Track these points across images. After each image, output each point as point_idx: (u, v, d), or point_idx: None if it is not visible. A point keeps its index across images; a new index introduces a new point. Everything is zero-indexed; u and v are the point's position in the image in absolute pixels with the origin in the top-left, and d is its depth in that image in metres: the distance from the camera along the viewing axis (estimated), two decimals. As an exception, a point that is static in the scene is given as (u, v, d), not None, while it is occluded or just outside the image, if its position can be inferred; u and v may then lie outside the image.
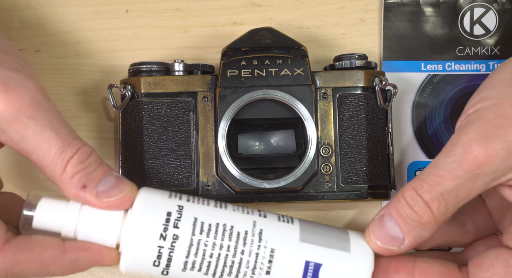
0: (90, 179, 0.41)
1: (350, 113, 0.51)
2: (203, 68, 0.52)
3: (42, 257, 0.40)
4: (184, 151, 0.50)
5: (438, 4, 0.56)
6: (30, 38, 0.55)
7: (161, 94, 0.51)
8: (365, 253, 0.43)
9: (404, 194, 0.41)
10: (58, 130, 0.40)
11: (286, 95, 0.49)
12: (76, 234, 0.41)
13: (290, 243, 0.42)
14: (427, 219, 0.41)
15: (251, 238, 0.41)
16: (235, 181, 0.49)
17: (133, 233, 0.40)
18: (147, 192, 0.42)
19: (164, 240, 0.40)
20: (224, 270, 0.41)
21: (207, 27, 0.56)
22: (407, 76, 0.55)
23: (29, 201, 0.41)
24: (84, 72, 0.55)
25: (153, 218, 0.41)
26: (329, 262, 0.42)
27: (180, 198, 0.42)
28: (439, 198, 0.40)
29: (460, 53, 0.55)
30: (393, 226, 0.41)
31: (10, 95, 0.40)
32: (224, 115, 0.49)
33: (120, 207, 0.41)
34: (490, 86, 0.42)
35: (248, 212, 0.43)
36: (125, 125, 0.51)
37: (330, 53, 0.55)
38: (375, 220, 0.42)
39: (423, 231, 0.41)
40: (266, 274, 0.41)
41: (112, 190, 0.41)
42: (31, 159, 0.41)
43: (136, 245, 0.40)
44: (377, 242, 0.42)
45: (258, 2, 0.56)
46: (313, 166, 0.49)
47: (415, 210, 0.41)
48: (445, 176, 0.40)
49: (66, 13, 0.55)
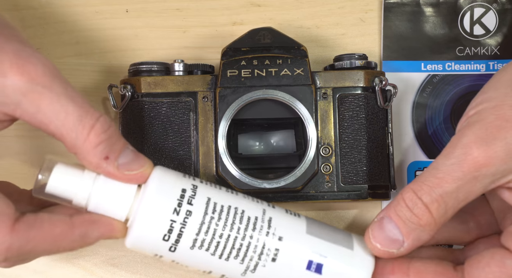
0: (113, 150, 0.41)
1: (350, 113, 0.51)
2: (203, 68, 0.52)
3: (53, 232, 0.40)
4: (184, 151, 0.50)
5: (438, 4, 0.56)
6: (30, 38, 0.55)
7: (161, 94, 0.51)
8: (367, 252, 0.43)
9: (404, 196, 0.41)
10: (74, 98, 0.40)
11: (286, 95, 0.49)
12: (88, 203, 0.41)
13: (297, 233, 0.42)
14: (427, 221, 0.41)
15: (261, 224, 0.42)
16: (235, 181, 0.49)
17: (147, 206, 0.41)
18: (163, 170, 0.43)
19: (177, 214, 0.41)
20: (232, 252, 0.41)
21: (207, 27, 0.56)
22: (407, 76, 0.55)
23: (45, 166, 0.41)
24: (84, 72, 0.55)
25: (168, 192, 0.41)
26: (333, 257, 0.42)
27: (194, 179, 0.43)
28: (439, 200, 0.40)
29: (460, 53, 0.55)
30: (392, 229, 0.41)
31: (23, 66, 0.39)
32: (224, 115, 0.49)
33: (139, 181, 0.41)
34: (491, 88, 0.42)
35: (258, 201, 0.44)
36: (125, 126, 0.51)
37: (330, 53, 0.55)
38: (375, 222, 0.43)
39: (423, 233, 0.41)
40: (271, 261, 0.41)
41: (133, 163, 0.41)
42: (49, 130, 0.40)
43: (149, 217, 0.40)
44: (377, 245, 0.42)
45: (258, 2, 0.56)
46: (313, 166, 0.49)
47: (415, 212, 0.41)
48: (444, 177, 0.40)
49: (66, 13, 0.55)
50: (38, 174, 0.41)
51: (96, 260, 0.54)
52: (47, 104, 0.39)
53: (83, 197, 0.41)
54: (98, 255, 0.54)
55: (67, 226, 0.41)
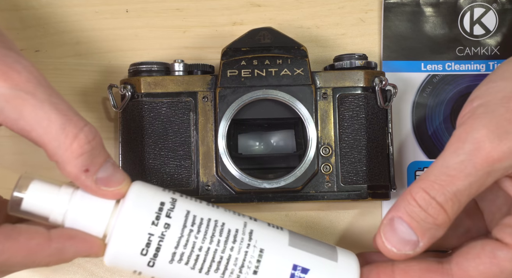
0: (94, 163, 0.40)
1: (350, 113, 0.51)
2: (203, 68, 0.52)
3: (28, 245, 0.39)
4: (184, 151, 0.50)
5: (438, 4, 0.56)
6: (30, 38, 0.55)
7: (161, 94, 0.51)
8: (352, 264, 0.42)
9: (415, 197, 0.40)
10: (57, 105, 0.39)
11: (286, 95, 0.49)
12: (65, 220, 0.40)
13: (279, 245, 0.42)
14: (443, 220, 0.40)
15: (242, 236, 0.41)
16: (235, 181, 0.49)
17: (124, 220, 0.40)
18: (142, 184, 0.42)
19: (155, 227, 0.40)
20: (212, 266, 0.40)
21: (207, 27, 0.56)
22: (407, 76, 0.55)
23: (21, 183, 0.40)
24: (84, 72, 0.55)
25: (146, 206, 0.40)
26: (316, 269, 0.41)
27: (174, 193, 0.42)
28: (453, 198, 0.39)
29: (460, 53, 0.55)
30: (406, 230, 0.40)
31: (7, 72, 0.38)
32: (224, 115, 0.49)
33: (115, 197, 0.41)
34: (498, 78, 0.41)
35: (239, 214, 0.43)
36: (125, 125, 0.51)
37: (330, 53, 0.55)
38: (385, 225, 0.41)
39: (438, 231, 0.40)
40: (253, 274, 0.41)
41: (111, 179, 0.40)
42: (31, 137, 0.39)
43: (126, 231, 0.40)
44: (392, 249, 0.41)
45: (258, 2, 0.56)
46: (313, 166, 0.49)
47: (429, 212, 0.40)
48: (457, 175, 0.39)
49: (66, 13, 0.55)
50: (13, 191, 0.40)
51: (96, 260, 0.54)
52: (30, 111, 0.38)
53: (59, 213, 0.40)
54: (98, 255, 0.54)
55: (44, 239, 0.39)
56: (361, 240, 0.54)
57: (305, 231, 0.54)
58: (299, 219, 0.54)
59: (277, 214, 0.54)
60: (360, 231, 0.54)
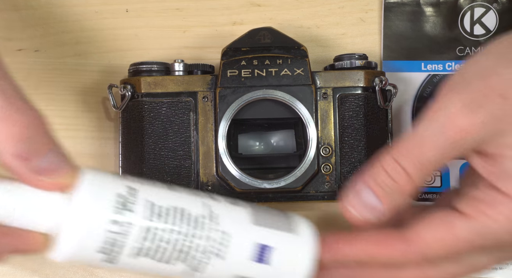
0: (34, 151, 0.36)
1: (350, 113, 0.51)
2: (203, 68, 0.52)
3: None
4: (184, 151, 0.50)
5: (438, 4, 0.56)
6: (30, 38, 0.55)
7: (161, 94, 0.51)
8: (311, 233, 0.42)
9: (383, 165, 0.41)
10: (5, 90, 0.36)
11: (286, 95, 0.49)
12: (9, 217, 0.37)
13: (243, 225, 0.41)
14: (409, 188, 0.40)
15: (203, 220, 0.39)
16: (235, 181, 0.49)
17: (78, 215, 0.36)
18: (94, 173, 0.38)
19: (114, 222, 0.37)
20: (175, 255, 0.39)
21: (207, 27, 0.56)
22: (407, 76, 0.55)
23: None
24: (84, 72, 0.55)
25: (99, 198, 0.37)
26: (280, 245, 0.41)
27: (131, 180, 0.39)
28: (422, 168, 0.40)
29: (461, 53, 0.55)
30: (370, 196, 0.41)
31: None
32: (224, 115, 0.49)
33: (56, 188, 0.37)
34: (483, 56, 0.42)
35: (202, 197, 0.41)
36: (125, 125, 0.51)
37: (330, 53, 0.55)
38: (351, 190, 0.41)
39: (401, 198, 0.40)
40: (216, 257, 0.40)
41: (53, 168, 0.36)
42: None
43: (82, 227, 0.36)
44: (355, 213, 0.41)
45: (258, 1, 0.56)
46: (313, 166, 0.49)
47: (396, 180, 0.40)
48: (428, 146, 0.39)
49: (66, 13, 0.55)
50: None
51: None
52: None
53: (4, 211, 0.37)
54: (98, 255, 0.54)
55: None
56: (361, 240, 0.54)
57: (305, 231, 0.54)
58: (299, 219, 0.54)
59: (277, 214, 0.54)
60: (360, 231, 0.54)
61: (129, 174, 0.51)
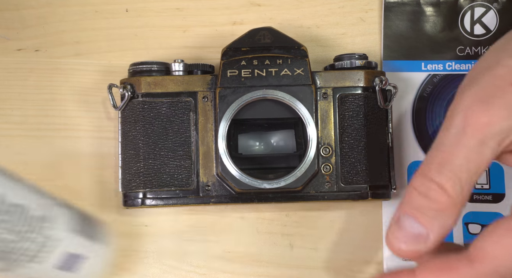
0: None
1: (350, 113, 0.51)
2: (203, 68, 0.52)
3: None
4: (184, 151, 0.50)
5: (438, 4, 0.56)
6: (30, 38, 0.55)
7: (161, 94, 0.50)
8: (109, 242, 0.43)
9: (414, 185, 0.38)
10: None
11: (286, 95, 0.49)
12: None
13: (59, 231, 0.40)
14: (446, 202, 0.37)
15: None
16: (235, 181, 0.49)
17: None
18: None
19: None
20: None
21: (207, 27, 0.56)
22: (407, 76, 0.55)
23: None
24: (84, 72, 0.55)
25: None
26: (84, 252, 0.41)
27: None
28: (452, 176, 0.37)
29: (461, 53, 0.55)
30: (412, 224, 0.37)
31: None
32: (224, 115, 0.49)
33: None
34: (488, 52, 0.41)
35: None
36: (125, 125, 0.51)
37: (330, 53, 0.55)
38: (391, 224, 0.38)
39: (445, 218, 0.37)
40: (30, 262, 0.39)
41: None
42: None
43: None
44: (401, 246, 0.38)
45: (258, 1, 0.56)
46: (313, 166, 0.49)
47: (431, 197, 0.37)
48: (451, 150, 0.37)
49: (66, 13, 0.55)
50: None
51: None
52: None
53: None
54: (98, 255, 0.54)
55: None
56: (361, 240, 0.54)
57: (305, 231, 0.54)
58: (299, 219, 0.54)
59: (277, 214, 0.54)
60: (360, 231, 0.54)
61: (128, 174, 0.51)
